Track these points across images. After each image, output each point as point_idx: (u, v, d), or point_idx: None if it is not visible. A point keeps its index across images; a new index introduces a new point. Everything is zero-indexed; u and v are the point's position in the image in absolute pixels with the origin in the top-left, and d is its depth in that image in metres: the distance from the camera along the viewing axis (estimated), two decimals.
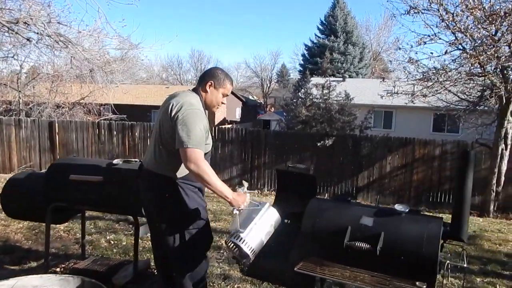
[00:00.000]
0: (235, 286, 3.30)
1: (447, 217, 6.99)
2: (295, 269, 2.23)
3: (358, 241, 2.14)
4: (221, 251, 4.16)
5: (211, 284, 3.35)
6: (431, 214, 7.97)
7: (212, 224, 5.32)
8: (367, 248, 2.10)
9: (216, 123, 24.19)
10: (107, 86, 10.88)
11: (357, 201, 9.17)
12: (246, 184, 2.46)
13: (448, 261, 2.09)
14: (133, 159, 3.30)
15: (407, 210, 2.24)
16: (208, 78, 2.40)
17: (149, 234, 2.80)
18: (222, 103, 2.49)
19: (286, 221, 2.60)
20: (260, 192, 9.69)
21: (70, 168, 3.16)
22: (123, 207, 3.07)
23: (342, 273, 2.21)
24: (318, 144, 9.27)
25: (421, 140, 8.85)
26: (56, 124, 11.58)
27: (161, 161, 2.33)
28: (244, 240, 2.12)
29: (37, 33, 5.22)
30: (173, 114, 2.22)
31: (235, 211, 2.18)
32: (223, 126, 11.19)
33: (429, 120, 17.17)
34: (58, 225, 4.81)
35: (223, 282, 3.37)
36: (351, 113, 10.71)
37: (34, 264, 3.68)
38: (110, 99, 11.99)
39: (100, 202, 3.11)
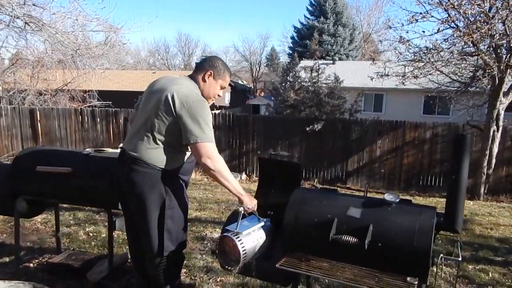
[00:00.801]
0: (218, 280, 3.14)
1: (437, 201, 6.88)
2: (277, 265, 2.07)
3: (345, 234, 1.98)
4: (205, 242, 3.99)
5: (193, 277, 3.20)
6: (421, 198, 7.88)
7: (196, 213, 5.17)
8: (355, 242, 1.94)
9: None
10: (89, 71, 10.54)
11: (347, 186, 9.08)
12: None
13: (442, 255, 1.93)
14: (105, 148, 3.10)
15: (397, 200, 2.07)
16: (207, 67, 2.26)
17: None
18: (218, 95, 2.35)
19: (269, 212, 2.42)
20: (248, 178, 9.54)
21: (38, 158, 2.95)
22: (95, 199, 2.87)
23: (328, 269, 2.06)
24: (307, 129, 9.09)
25: (411, 123, 8.70)
26: (38, 112, 11.31)
27: (153, 151, 2.14)
28: (241, 240, 2.01)
29: (9, 15, 4.87)
30: (177, 105, 2.06)
31: (241, 209, 2.13)
32: (212, 112, 10.91)
33: (419, 102, 17.06)
34: (35, 217, 4.63)
35: (205, 275, 3.21)
36: (341, 97, 10.49)
37: (6, 259, 3.50)
38: (93, 85, 11.65)
39: (70, 195, 2.92)
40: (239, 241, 2.02)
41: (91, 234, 4.20)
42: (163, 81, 2.27)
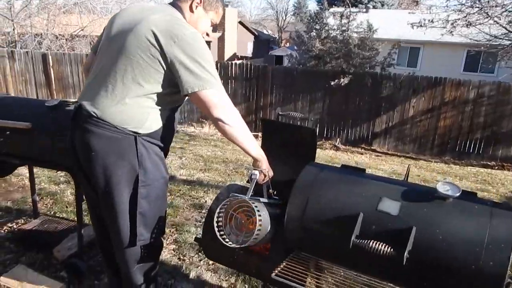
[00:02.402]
0: (211, 262, 2.60)
1: (477, 171, 5.97)
2: (272, 275, 1.47)
3: (373, 239, 1.33)
4: (203, 211, 3.44)
5: (181, 257, 2.68)
6: (458, 167, 7.02)
7: (199, 175, 4.61)
8: (388, 252, 1.30)
9: (225, 58, 22.86)
10: (106, 15, 10.06)
11: (372, 147, 8.31)
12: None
13: None
14: (73, 100, 2.51)
15: (457, 193, 1.37)
16: None
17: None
18: (207, 34, 1.76)
19: (271, 191, 1.80)
20: None
21: None
22: (59, 161, 2.32)
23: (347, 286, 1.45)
24: (332, 83, 8.19)
25: (453, 81, 7.61)
26: (50, 57, 10.91)
27: (123, 108, 1.54)
28: (258, 207, 1.45)
29: None
30: (162, 41, 1.48)
31: (256, 173, 1.64)
32: (228, 62, 10.14)
33: (460, 58, 15.44)
34: (23, 172, 4.27)
35: (196, 256, 2.69)
36: (373, 48, 9.32)
37: None
38: None
39: (29, 155, 2.40)
40: (255, 207, 1.43)
41: None
42: (133, 11, 1.63)
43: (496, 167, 7.10)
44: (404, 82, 7.95)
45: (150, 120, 1.59)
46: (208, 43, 1.66)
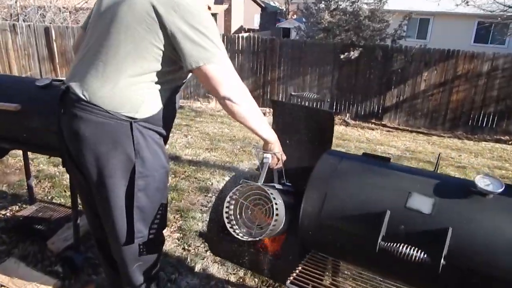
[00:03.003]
0: None
1: (492, 147, 5.73)
2: (287, 283, 1.30)
3: (402, 241, 1.15)
4: (209, 195, 3.28)
5: (186, 246, 2.54)
6: (472, 142, 6.77)
7: (205, 155, 4.43)
8: (420, 258, 1.12)
9: (232, 31, 22.27)
10: None
11: (382, 122, 8.06)
12: None
13: None
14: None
15: (500, 188, 1.18)
16: None
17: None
18: (208, 7, 1.56)
19: (283, 181, 1.63)
20: (270, 112, 8.69)
21: None
22: (51, 146, 2.15)
23: None
24: (342, 57, 7.87)
25: (466, 53, 7.27)
26: (52, 30, 10.56)
27: (115, 90, 1.35)
28: (273, 195, 1.29)
29: None
30: (161, 11, 1.30)
31: (269, 157, 1.50)
32: (235, 35, 9.79)
33: (471, 29, 14.88)
34: (19, 153, 4.10)
35: (202, 245, 2.54)
36: (383, 20, 8.93)
37: None
38: None
39: (18, 138, 2.22)
40: (271, 194, 1.28)
41: None
42: None
43: (510, 142, 6.90)
44: (415, 55, 7.63)
45: (147, 102, 1.39)
46: (214, 15, 1.42)
